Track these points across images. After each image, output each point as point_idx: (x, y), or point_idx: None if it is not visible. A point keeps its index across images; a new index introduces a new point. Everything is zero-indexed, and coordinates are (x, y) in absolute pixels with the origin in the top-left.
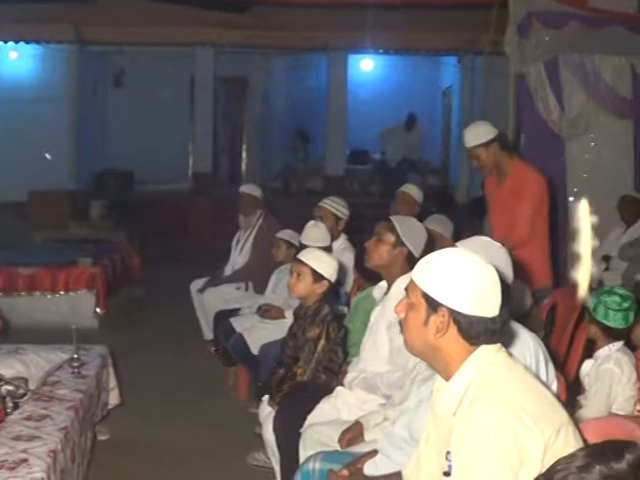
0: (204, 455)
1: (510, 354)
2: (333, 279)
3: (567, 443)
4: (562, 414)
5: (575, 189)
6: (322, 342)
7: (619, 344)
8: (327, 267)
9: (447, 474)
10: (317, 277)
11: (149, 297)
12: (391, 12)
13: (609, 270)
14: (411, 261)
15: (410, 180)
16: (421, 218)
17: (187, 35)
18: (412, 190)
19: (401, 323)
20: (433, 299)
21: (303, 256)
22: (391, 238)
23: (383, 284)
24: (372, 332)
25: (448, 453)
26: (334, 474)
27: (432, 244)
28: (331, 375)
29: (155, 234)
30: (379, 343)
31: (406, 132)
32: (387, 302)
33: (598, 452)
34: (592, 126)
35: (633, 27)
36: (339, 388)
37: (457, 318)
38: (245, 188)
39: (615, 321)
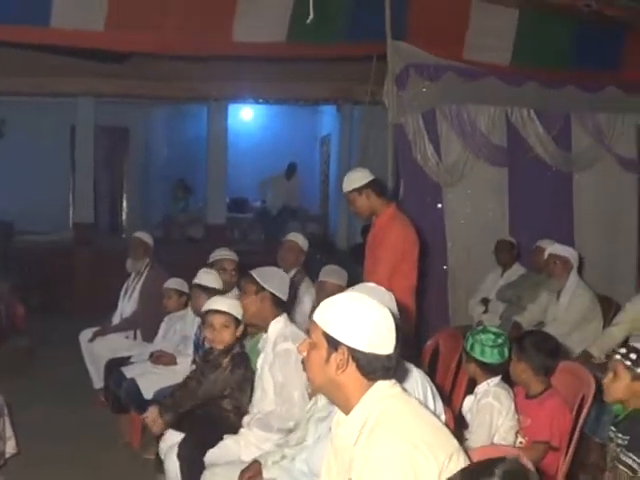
0: None
1: (404, 389)
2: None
3: (458, 468)
4: (453, 442)
5: (453, 235)
6: (230, 380)
7: (497, 379)
8: (240, 310)
9: None
10: (235, 321)
11: (35, 347)
12: (269, 63)
13: (488, 312)
14: (279, 305)
15: (290, 228)
16: (306, 265)
17: (67, 85)
18: (298, 238)
19: (304, 362)
20: (333, 338)
21: (220, 306)
22: (253, 288)
23: (265, 336)
24: (259, 377)
25: None
26: None
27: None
28: (238, 415)
29: (37, 285)
30: (266, 385)
31: (286, 180)
32: (267, 347)
33: (471, 472)
34: (468, 174)
35: (507, 78)
36: (242, 429)
37: (356, 355)
38: (138, 234)
39: (492, 357)
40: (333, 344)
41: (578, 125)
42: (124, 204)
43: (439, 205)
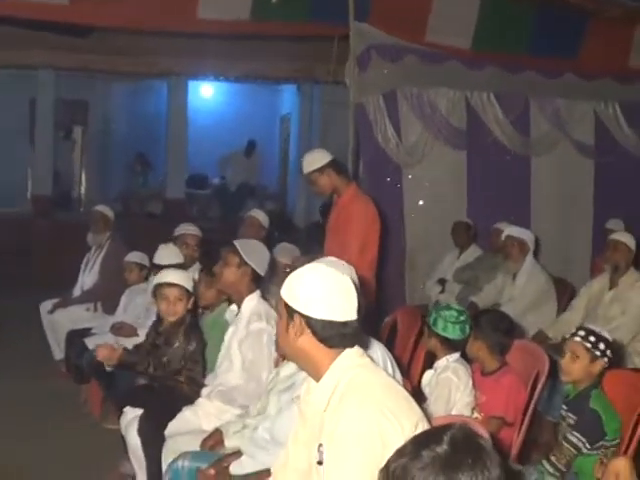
0: (66, 471)
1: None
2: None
3: None
4: (418, 411)
5: (412, 215)
6: (184, 351)
7: (456, 355)
8: (191, 283)
9: (320, 463)
10: (187, 293)
11: None
12: (232, 40)
13: (444, 292)
14: (256, 280)
15: (248, 205)
16: (266, 242)
17: (28, 57)
18: (259, 214)
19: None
20: (290, 307)
21: (174, 279)
22: (235, 260)
23: (233, 307)
24: (227, 350)
25: (320, 445)
26: (202, 472)
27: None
28: (193, 386)
29: None
30: (233, 359)
31: (245, 158)
32: (239, 321)
33: (421, 439)
34: (428, 156)
35: (468, 62)
36: (200, 399)
37: (310, 322)
38: (100, 207)
39: (453, 332)
40: (290, 313)
41: (537, 110)
42: (83, 178)
43: (398, 185)
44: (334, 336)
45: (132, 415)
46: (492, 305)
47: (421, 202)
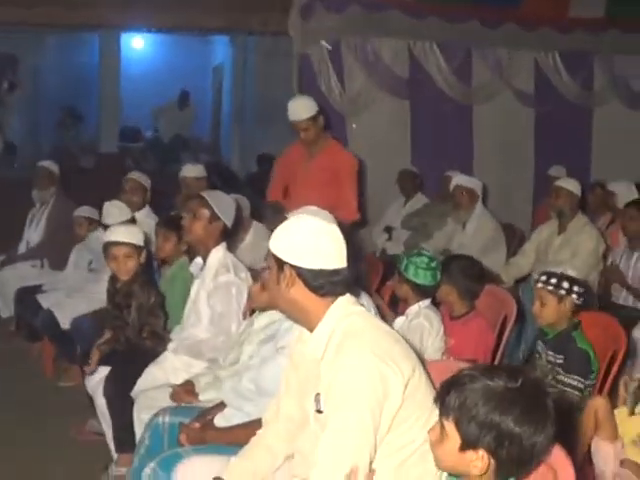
0: (27, 432)
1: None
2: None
3: (420, 380)
4: (413, 356)
5: None
6: (144, 307)
7: (427, 301)
8: (140, 237)
9: (319, 412)
10: (137, 249)
11: None
12: None
13: (391, 240)
14: (224, 234)
15: (182, 157)
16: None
17: None
18: (193, 171)
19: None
20: (279, 258)
21: (120, 237)
22: (206, 214)
23: (199, 260)
24: (194, 303)
25: (318, 394)
26: (186, 427)
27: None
28: (156, 340)
29: None
30: (201, 312)
31: (179, 109)
32: (206, 273)
33: (496, 370)
34: (371, 105)
35: (411, 12)
36: (165, 353)
37: (300, 272)
38: (44, 163)
39: (424, 279)
40: (280, 265)
41: (479, 59)
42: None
43: (342, 135)
44: (325, 285)
45: (99, 376)
46: (442, 252)
47: (365, 150)
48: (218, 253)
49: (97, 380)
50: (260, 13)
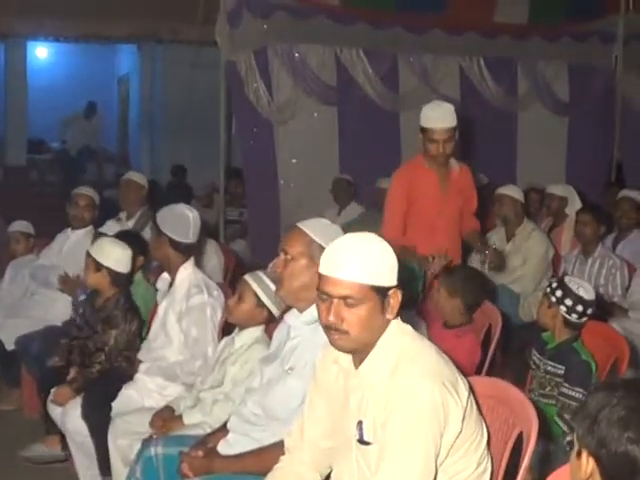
0: None
1: None
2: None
3: (472, 404)
4: (465, 381)
5: (285, 173)
6: (124, 336)
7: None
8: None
9: (364, 443)
10: (115, 277)
11: None
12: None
13: None
14: (179, 249)
15: (89, 169)
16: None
17: None
18: (134, 175)
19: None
20: (379, 287)
21: (98, 256)
22: (154, 230)
23: (165, 276)
24: (162, 323)
25: (360, 422)
26: (188, 456)
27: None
28: (128, 363)
29: None
30: (171, 334)
31: (86, 120)
32: (176, 293)
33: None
34: (299, 112)
35: (337, 18)
36: (138, 375)
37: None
38: None
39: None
40: (382, 293)
41: (405, 66)
42: None
43: (270, 143)
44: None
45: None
46: None
47: (294, 160)
48: (187, 270)
49: (70, 404)
50: (169, 22)
